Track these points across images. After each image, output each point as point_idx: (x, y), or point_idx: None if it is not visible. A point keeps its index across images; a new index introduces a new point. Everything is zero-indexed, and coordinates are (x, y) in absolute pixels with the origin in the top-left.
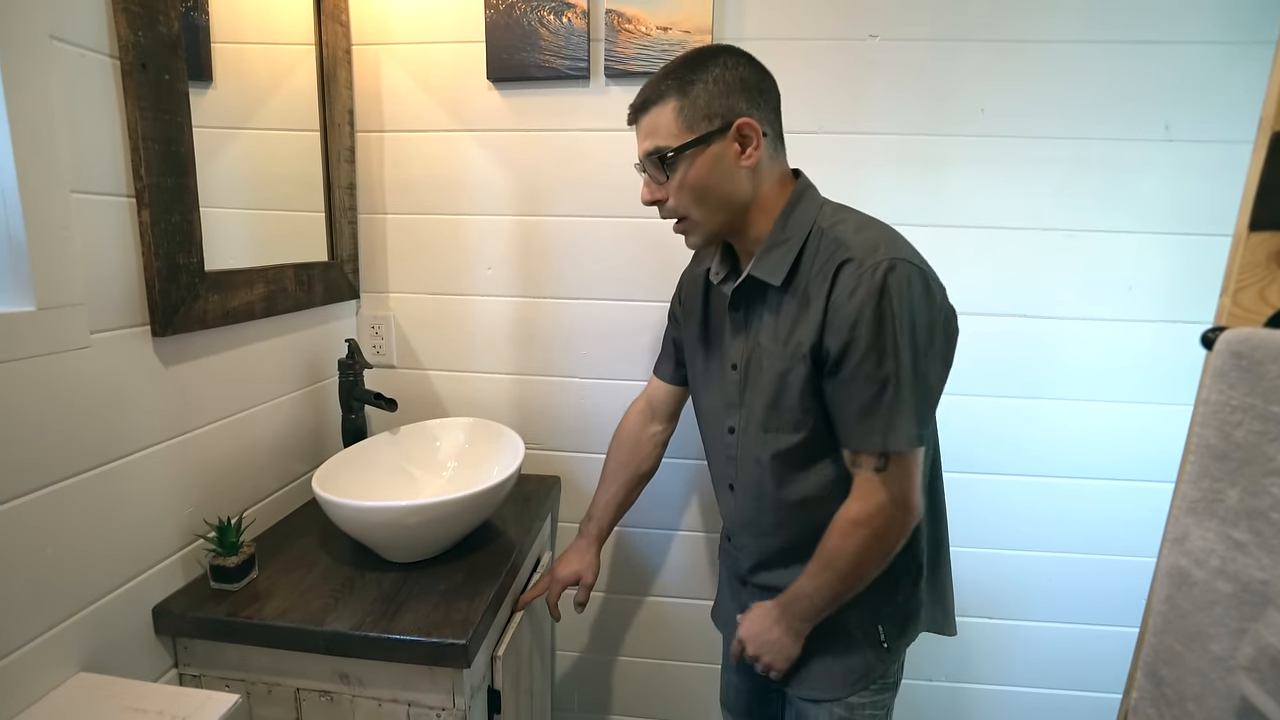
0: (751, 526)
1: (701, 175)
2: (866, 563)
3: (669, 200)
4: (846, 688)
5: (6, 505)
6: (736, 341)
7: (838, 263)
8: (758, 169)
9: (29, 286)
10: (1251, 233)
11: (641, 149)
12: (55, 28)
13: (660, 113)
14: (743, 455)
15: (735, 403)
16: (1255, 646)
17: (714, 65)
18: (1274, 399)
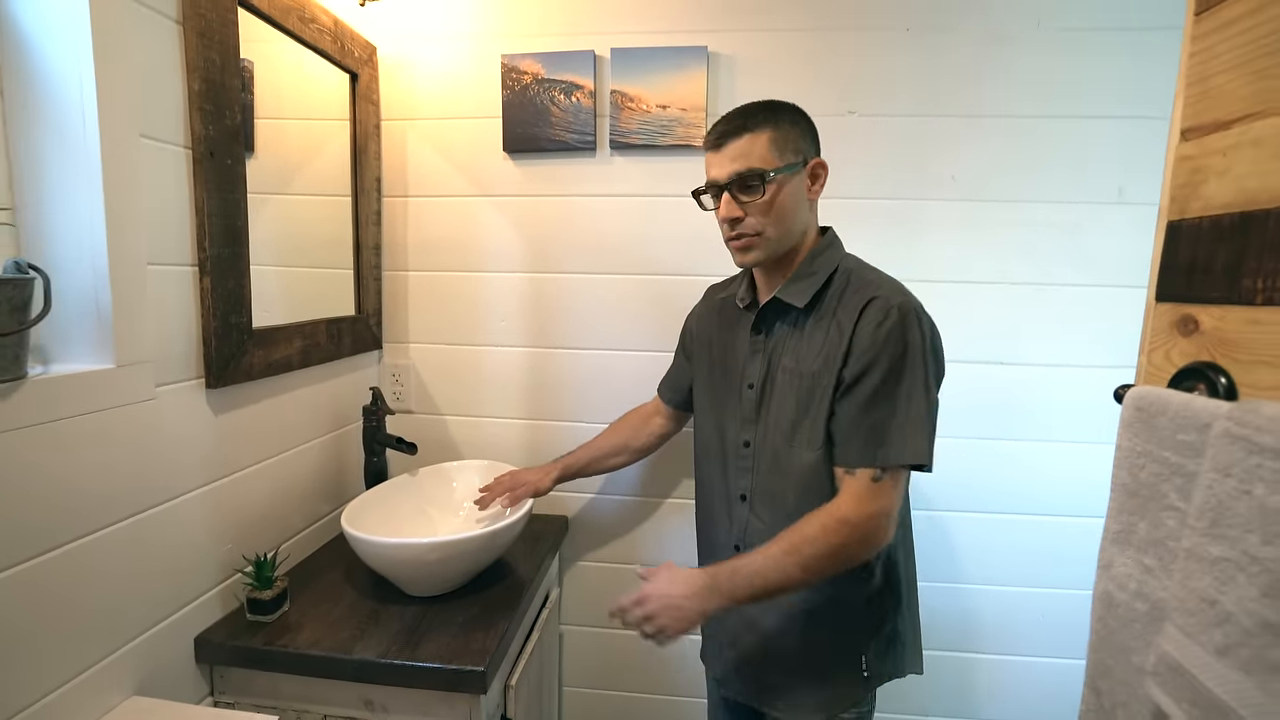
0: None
1: (787, 200)
2: (835, 563)
3: (748, 217)
4: (822, 712)
5: (86, 539)
6: (754, 362)
7: (866, 298)
8: (814, 207)
9: (111, 347)
10: (1158, 303)
11: (730, 169)
12: (145, 128)
13: (755, 140)
14: (759, 467)
15: (752, 419)
16: (1156, 654)
17: (792, 112)
18: (1165, 445)
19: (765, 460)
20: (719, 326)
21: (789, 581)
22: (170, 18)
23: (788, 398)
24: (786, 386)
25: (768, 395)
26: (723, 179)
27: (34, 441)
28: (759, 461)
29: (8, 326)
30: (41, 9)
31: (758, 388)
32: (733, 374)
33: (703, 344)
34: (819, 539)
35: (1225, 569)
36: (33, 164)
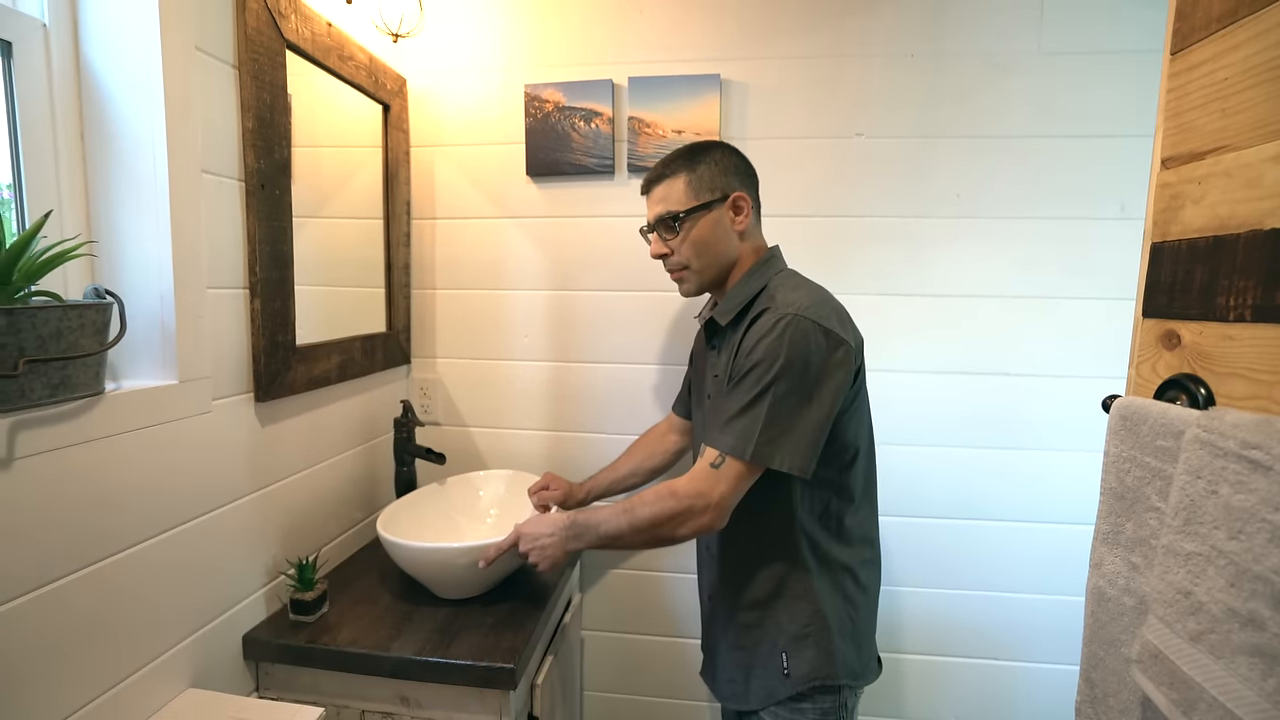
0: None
1: (704, 233)
2: (656, 529)
3: (674, 254)
4: (759, 701)
5: (152, 540)
6: (708, 376)
7: (763, 310)
8: (744, 234)
9: (174, 365)
10: (1145, 318)
11: (653, 213)
12: (206, 164)
13: (673, 184)
14: None
15: (703, 426)
16: (1140, 643)
17: (714, 151)
18: (1146, 452)
19: None
20: (698, 344)
21: (620, 535)
22: (228, 63)
23: (715, 408)
24: (716, 392)
25: (711, 403)
26: (649, 221)
27: (111, 451)
28: None
29: (91, 347)
30: (119, 63)
31: (712, 397)
32: (699, 387)
33: (693, 356)
34: (649, 503)
35: (1197, 563)
36: (109, 200)
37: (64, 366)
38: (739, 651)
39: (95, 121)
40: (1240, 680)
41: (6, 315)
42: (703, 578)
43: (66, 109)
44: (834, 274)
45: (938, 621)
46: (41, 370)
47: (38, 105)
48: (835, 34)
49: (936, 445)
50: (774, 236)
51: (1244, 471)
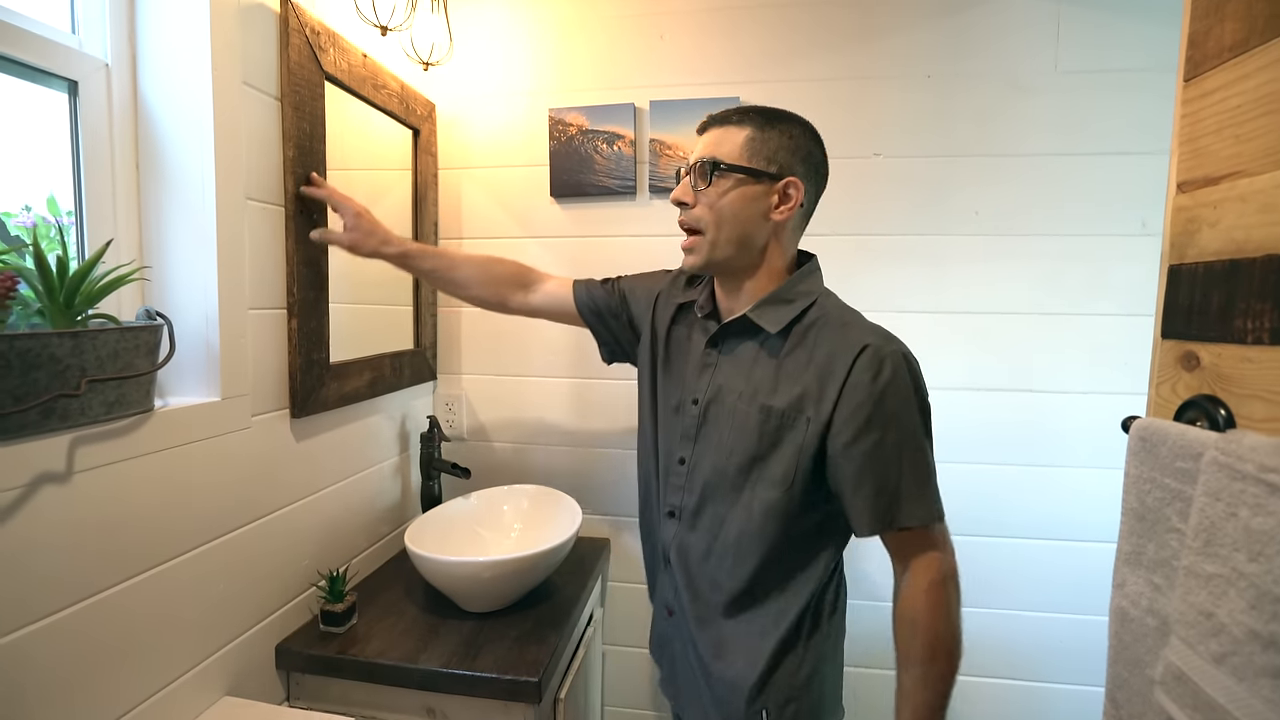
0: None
1: (736, 204)
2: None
3: (696, 208)
4: None
5: (196, 551)
6: (703, 378)
7: (858, 344)
8: (780, 229)
9: (218, 383)
10: (1164, 339)
11: (699, 154)
12: (250, 191)
13: (733, 133)
14: (692, 486)
15: (691, 437)
16: (1164, 665)
17: (794, 125)
18: (1166, 473)
19: (699, 482)
20: (673, 324)
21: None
22: (272, 96)
23: (745, 428)
24: (743, 416)
25: (711, 417)
26: (691, 160)
27: (159, 465)
28: (693, 481)
29: (144, 367)
30: (173, 98)
31: (702, 406)
32: (677, 384)
33: (658, 331)
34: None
35: (1218, 584)
36: (160, 226)
37: (119, 385)
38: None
39: (149, 153)
40: (1263, 702)
41: (73, 339)
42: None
43: (124, 142)
44: (853, 292)
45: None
46: (100, 389)
47: (99, 139)
48: (853, 56)
49: (957, 461)
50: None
51: (1263, 495)
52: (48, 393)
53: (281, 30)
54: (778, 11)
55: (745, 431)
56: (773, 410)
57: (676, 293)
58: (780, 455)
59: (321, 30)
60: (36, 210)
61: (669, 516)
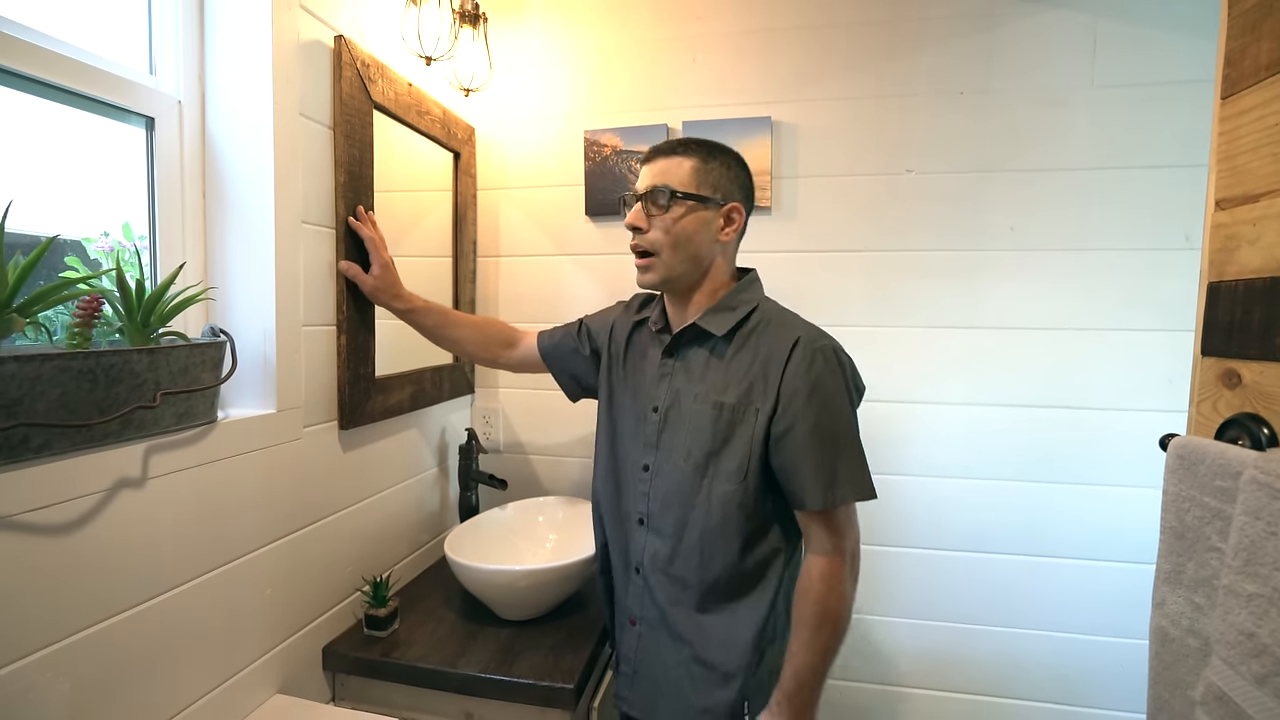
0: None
1: (688, 228)
2: (842, 625)
3: (650, 233)
4: None
5: (254, 554)
6: (660, 387)
7: (791, 338)
8: (725, 249)
9: (274, 396)
10: (1204, 357)
11: (648, 183)
12: (305, 215)
13: (680, 162)
14: (656, 491)
15: (653, 443)
16: (1204, 685)
17: (729, 155)
18: (1205, 491)
19: (663, 486)
20: (631, 344)
21: (833, 647)
22: (325, 125)
23: (700, 427)
24: (698, 415)
25: (671, 421)
26: (640, 190)
27: (221, 473)
28: (656, 486)
29: (209, 381)
30: (238, 131)
31: (662, 412)
32: (639, 395)
33: (616, 353)
34: (832, 595)
35: (1259, 604)
36: (223, 249)
37: (188, 398)
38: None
39: (215, 182)
40: None
41: (149, 355)
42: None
43: (193, 172)
44: (887, 308)
45: (996, 661)
46: (172, 401)
47: (171, 169)
48: (884, 75)
49: (994, 479)
50: (824, 272)
51: None
52: (128, 405)
53: (335, 64)
54: (810, 32)
55: (700, 430)
56: (724, 406)
57: (630, 316)
58: (733, 448)
59: (371, 62)
60: (114, 236)
61: (639, 524)
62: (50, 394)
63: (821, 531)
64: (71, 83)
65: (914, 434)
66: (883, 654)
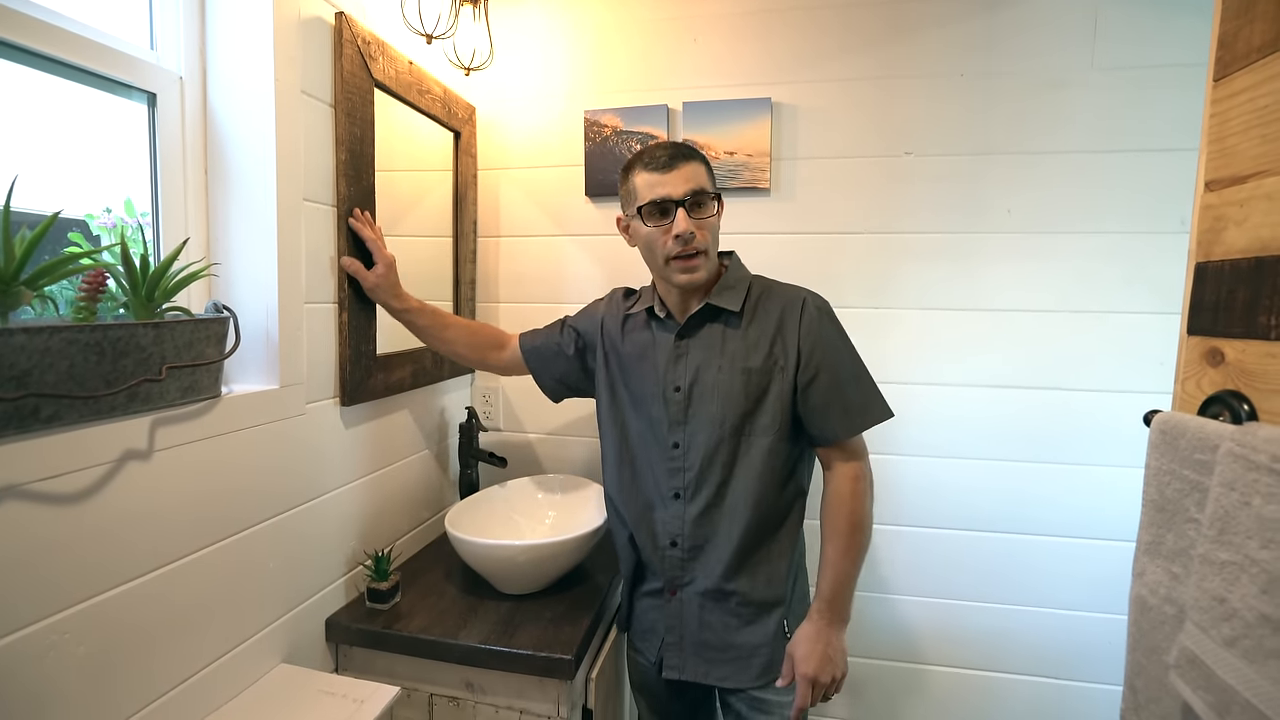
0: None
1: (717, 224)
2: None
3: (699, 236)
4: (754, 679)
5: (257, 527)
6: (678, 367)
7: (797, 300)
8: None
9: (277, 372)
10: (1190, 336)
11: (685, 187)
12: (306, 192)
13: (700, 168)
14: (691, 463)
15: (680, 419)
16: (1178, 649)
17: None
18: (1185, 465)
19: (698, 456)
20: (626, 335)
21: (864, 552)
22: (326, 103)
23: (731, 393)
24: (727, 383)
25: (696, 395)
26: (678, 195)
27: (226, 447)
28: (691, 458)
29: (214, 356)
30: (239, 107)
31: (685, 389)
32: (649, 380)
33: (612, 346)
34: (860, 505)
35: (1231, 571)
36: (226, 225)
37: (193, 372)
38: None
39: (217, 158)
40: (1272, 683)
41: (155, 329)
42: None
43: (195, 148)
44: (884, 290)
45: (987, 636)
46: (177, 375)
47: (173, 145)
48: (883, 56)
49: (987, 459)
50: (823, 253)
51: (1275, 484)
52: (134, 378)
53: (336, 41)
54: (809, 14)
55: (731, 396)
56: (751, 370)
57: (618, 309)
58: (766, 406)
59: (372, 40)
60: (116, 212)
61: (673, 499)
62: (59, 365)
63: (846, 455)
64: (72, 57)
65: (909, 415)
66: (873, 629)
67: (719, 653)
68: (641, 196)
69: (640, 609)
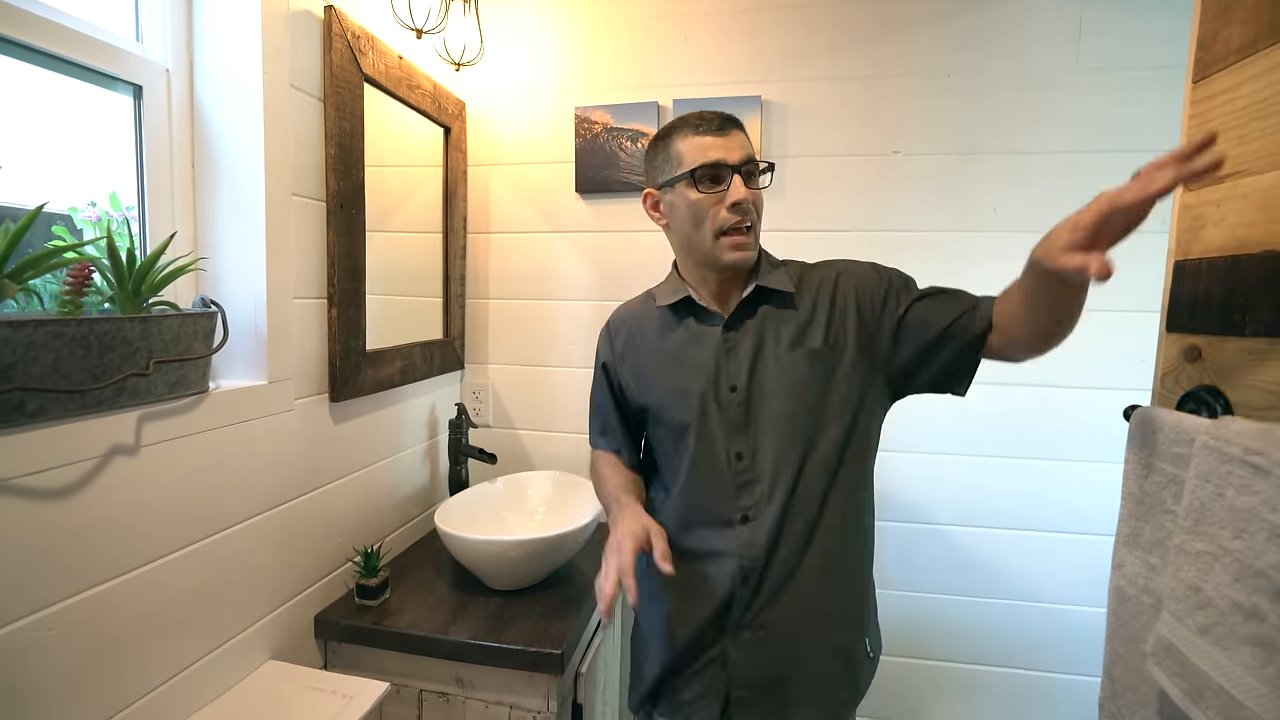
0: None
1: (762, 198)
2: None
3: (754, 201)
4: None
5: (246, 523)
6: (731, 362)
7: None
8: None
9: (265, 367)
10: (1168, 333)
11: (740, 154)
12: (295, 187)
13: (743, 137)
14: (763, 471)
15: (740, 423)
16: (1155, 638)
17: None
18: (1162, 458)
19: (767, 465)
20: (658, 339)
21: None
22: (316, 97)
23: (798, 380)
24: (793, 369)
25: (755, 393)
26: (734, 160)
27: (213, 442)
28: (761, 467)
29: (201, 351)
30: (227, 100)
31: (742, 390)
32: (700, 380)
33: (646, 361)
34: None
35: (1206, 561)
36: (214, 220)
37: (181, 367)
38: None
39: (204, 152)
40: (1243, 669)
41: (142, 323)
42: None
43: (182, 141)
44: None
45: (976, 630)
46: (164, 370)
47: (159, 139)
48: (872, 56)
49: (973, 455)
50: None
51: (1247, 475)
52: (121, 372)
53: (325, 35)
54: (798, 12)
55: (798, 384)
56: (815, 352)
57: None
58: (834, 388)
59: (361, 34)
60: (101, 205)
61: (741, 523)
62: (44, 359)
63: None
64: (56, 48)
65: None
66: None
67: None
68: (690, 160)
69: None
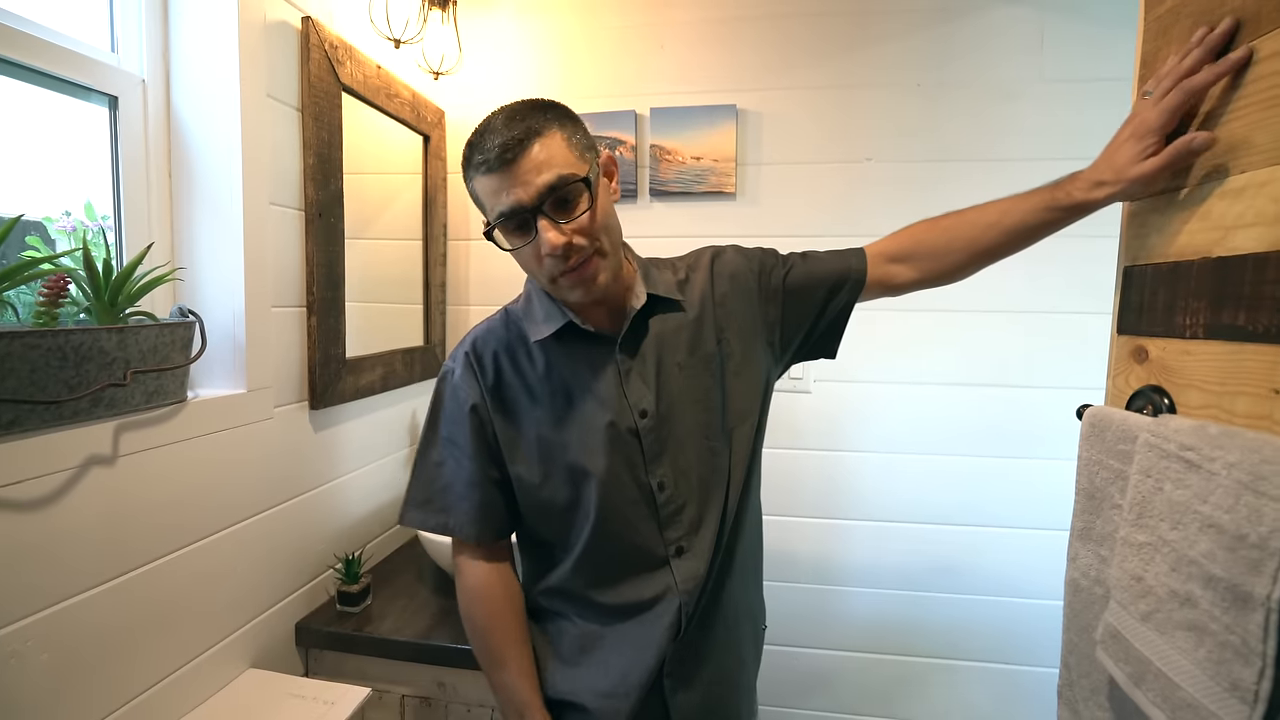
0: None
1: (606, 204)
2: None
3: (575, 238)
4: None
5: (225, 532)
6: (634, 387)
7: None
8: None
9: (244, 376)
10: (1119, 335)
11: (536, 186)
12: (273, 196)
13: (549, 143)
14: (691, 497)
15: (656, 451)
16: (1103, 625)
17: (564, 108)
18: (1110, 455)
19: (689, 487)
20: (536, 371)
21: None
22: (294, 107)
23: (706, 388)
24: (697, 379)
25: (664, 413)
26: (530, 200)
27: (192, 452)
28: (684, 492)
29: (179, 360)
30: (203, 111)
31: (653, 412)
32: (603, 413)
33: (525, 402)
34: None
35: (1147, 552)
36: (191, 229)
37: (159, 377)
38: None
39: (181, 162)
40: (1179, 652)
41: (119, 334)
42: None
43: (158, 152)
44: None
45: (946, 626)
46: (142, 380)
47: (135, 149)
48: (844, 66)
49: (940, 454)
50: None
51: (1182, 470)
52: (98, 383)
53: (303, 45)
54: (773, 23)
55: (708, 389)
56: (714, 351)
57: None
58: (739, 382)
59: (339, 44)
60: (75, 215)
61: (676, 555)
62: (19, 370)
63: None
64: (28, 59)
65: (868, 411)
66: (835, 621)
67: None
68: (489, 207)
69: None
